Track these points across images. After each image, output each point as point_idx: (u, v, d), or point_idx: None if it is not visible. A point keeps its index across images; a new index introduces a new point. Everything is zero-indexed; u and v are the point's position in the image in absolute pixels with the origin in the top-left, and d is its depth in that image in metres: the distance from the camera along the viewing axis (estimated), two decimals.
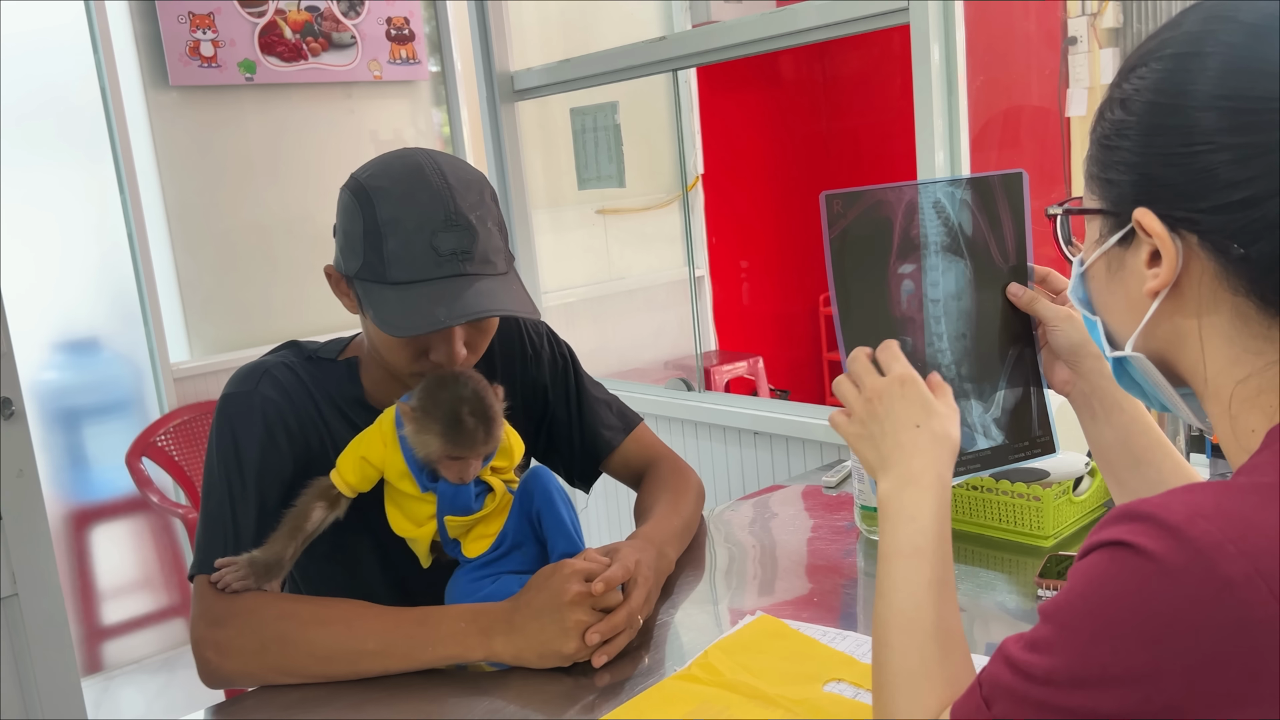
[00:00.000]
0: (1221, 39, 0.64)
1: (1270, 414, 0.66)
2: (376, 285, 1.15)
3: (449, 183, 1.16)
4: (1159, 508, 0.58)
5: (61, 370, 3.04)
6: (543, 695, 1.07)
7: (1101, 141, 0.71)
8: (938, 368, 0.99)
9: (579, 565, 1.13)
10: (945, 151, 2.06)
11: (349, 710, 1.08)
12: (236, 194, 3.25)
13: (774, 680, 1.03)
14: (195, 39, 3.10)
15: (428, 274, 1.13)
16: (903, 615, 0.78)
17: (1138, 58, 0.70)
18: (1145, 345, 0.73)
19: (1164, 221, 0.67)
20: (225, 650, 1.14)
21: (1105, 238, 0.73)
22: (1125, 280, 0.73)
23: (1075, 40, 3.34)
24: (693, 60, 2.62)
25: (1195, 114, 0.64)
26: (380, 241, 1.14)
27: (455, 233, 1.13)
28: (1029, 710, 0.61)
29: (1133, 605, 0.57)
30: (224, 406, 1.25)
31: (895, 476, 0.84)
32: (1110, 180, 0.71)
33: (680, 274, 3.92)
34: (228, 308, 3.25)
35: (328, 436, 1.27)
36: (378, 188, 1.16)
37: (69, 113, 2.97)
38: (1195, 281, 0.67)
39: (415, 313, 1.12)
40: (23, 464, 1.79)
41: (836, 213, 0.97)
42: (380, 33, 3.49)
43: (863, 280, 0.98)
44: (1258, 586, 0.54)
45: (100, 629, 3.15)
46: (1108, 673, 0.57)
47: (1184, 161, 0.65)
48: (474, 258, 1.14)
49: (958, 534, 1.43)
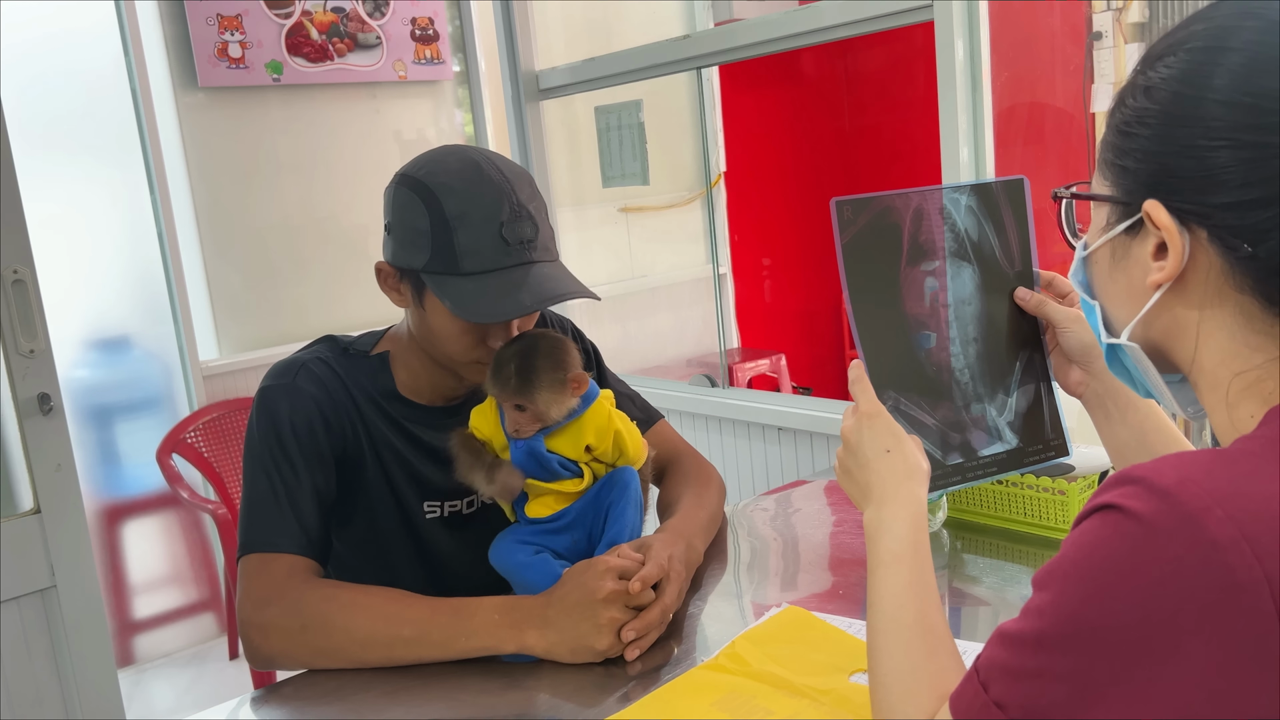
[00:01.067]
0: (1248, 35, 0.64)
1: (1268, 400, 0.67)
2: (449, 277, 1.19)
3: (507, 176, 1.22)
4: (1151, 472, 0.59)
5: (94, 368, 3.09)
6: (573, 685, 1.09)
7: (1120, 128, 0.71)
8: (951, 371, 1.01)
9: (613, 562, 1.14)
10: (970, 148, 2.06)
11: (383, 699, 1.10)
12: (264, 193, 3.29)
13: (800, 670, 1.04)
14: (223, 40, 3.14)
15: (499, 263, 1.19)
16: (887, 617, 0.82)
17: (1165, 46, 0.70)
18: (1142, 334, 0.74)
19: (1174, 215, 0.67)
20: (268, 631, 1.17)
21: (1112, 225, 0.73)
22: (1129, 269, 0.73)
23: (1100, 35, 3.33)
24: (715, 59, 2.63)
25: (1216, 108, 0.64)
26: (450, 235, 1.19)
27: (520, 223, 1.20)
28: (1024, 682, 0.62)
29: (1122, 566, 0.58)
30: (263, 398, 1.28)
31: (875, 501, 0.89)
32: (1125, 167, 0.71)
33: (703, 272, 3.93)
34: (256, 306, 3.29)
35: (363, 430, 1.30)
36: (441, 184, 1.21)
37: (100, 114, 3.02)
38: (1200, 276, 0.67)
39: (494, 299, 1.18)
40: (61, 459, 1.83)
41: (847, 219, 0.98)
42: (405, 33, 3.52)
43: (874, 285, 0.99)
44: (1243, 550, 0.55)
45: (132, 623, 3.19)
46: (1098, 633, 0.58)
47: (1201, 155, 0.65)
48: (537, 246, 1.22)
49: (983, 528, 1.44)
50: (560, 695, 1.07)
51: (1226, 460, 0.61)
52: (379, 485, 1.32)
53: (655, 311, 3.90)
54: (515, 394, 1.21)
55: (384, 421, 1.31)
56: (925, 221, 1.01)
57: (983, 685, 0.65)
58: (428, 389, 1.34)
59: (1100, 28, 3.29)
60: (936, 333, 1.01)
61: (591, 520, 1.26)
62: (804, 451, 2.51)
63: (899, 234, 1.00)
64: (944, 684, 0.74)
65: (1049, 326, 1.04)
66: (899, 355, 0.99)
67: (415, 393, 1.33)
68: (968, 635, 1.13)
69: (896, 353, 0.99)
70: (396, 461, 1.32)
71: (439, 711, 1.06)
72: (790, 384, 4.15)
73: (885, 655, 0.80)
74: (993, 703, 0.63)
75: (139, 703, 2.94)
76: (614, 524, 1.24)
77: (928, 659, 0.78)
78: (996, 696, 0.63)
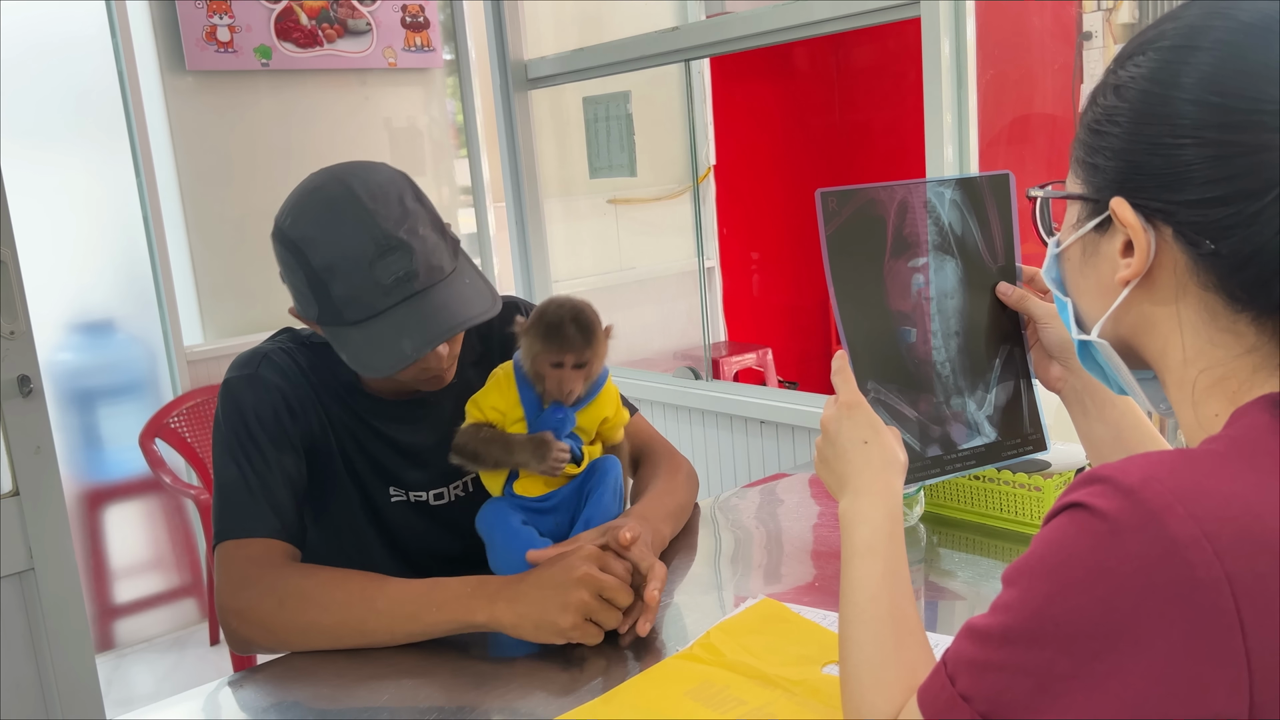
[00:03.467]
0: (1217, 35, 0.65)
1: (1234, 399, 0.67)
2: (340, 328, 1.18)
3: (367, 208, 1.16)
4: (1117, 470, 0.60)
5: (77, 351, 3.08)
6: (547, 673, 1.10)
7: (1091, 126, 0.72)
8: (933, 364, 1.01)
9: (593, 550, 1.15)
10: (954, 146, 2.07)
11: (358, 683, 1.10)
12: (251, 179, 3.27)
13: (774, 661, 1.05)
14: (212, 24, 3.12)
15: (379, 306, 1.15)
16: (859, 608, 0.82)
17: (1135, 45, 0.71)
18: (1112, 330, 0.75)
19: (1140, 212, 0.68)
20: (246, 614, 1.17)
21: (1083, 222, 0.74)
22: (1098, 266, 0.74)
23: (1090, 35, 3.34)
24: (706, 51, 2.63)
25: (1183, 105, 0.65)
26: (325, 289, 1.17)
27: (390, 258, 1.15)
28: (990, 676, 0.63)
29: (1087, 563, 0.59)
30: (228, 388, 1.29)
31: (850, 491, 0.90)
32: (1095, 165, 0.71)
33: (690, 264, 3.93)
34: (241, 291, 3.28)
35: (326, 419, 1.31)
36: (303, 236, 1.18)
37: (86, 96, 3.00)
38: (1167, 273, 0.68)
39: (383, 349, 1.15)
40: (40, 441, 1.82)
41: (832, 210, 0.99)
42: (395, 20, 3.50)
43: (858, 277, 1.00)
44: (1203, 548, 0.56)
45: (112, 607, 3.18)
46: (1062, 629, 0.59)
47: (1167, 152, 0.66)
48: (418, 274, 1.16)
49: (960, 523, 1.44)
50: (534, 683, 1.08)
51: (1191, 460, 0.61)
52: (343, 473, 1.33)
53: (642, 304, 3.90)
54: (582, 350, 1.22)
55: (345, 412, 1.32)
56: (910, 214, 1.01)
57: (950, 678, 0.65)
58: (388, 387, 1.34)
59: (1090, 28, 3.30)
60: (919, 326, 1.01)
61: (575, 504, 1.29)
62: (786, 445, 2.52)
63: (883, 226, 1.00)
64: (914, 677, 0.75)
65: (1030, 322, 1.04)
66: (881, 347, 1.00)
67: (374, 384, 1.34)
68: (943, 629, 1.14)
69: (879, 344, 1.00)
70: (359, 451, 1.33)
71: (414, 696, 1.06)
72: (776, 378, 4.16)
73: (856, 646, 0.80)
74: (959, 696, 0.64)
75: (118, 687, 2.94)
76: (591, 507, 1.26)
77: (899, 651, 0.78)
78: (963, 689, 0.64)
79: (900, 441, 0.93)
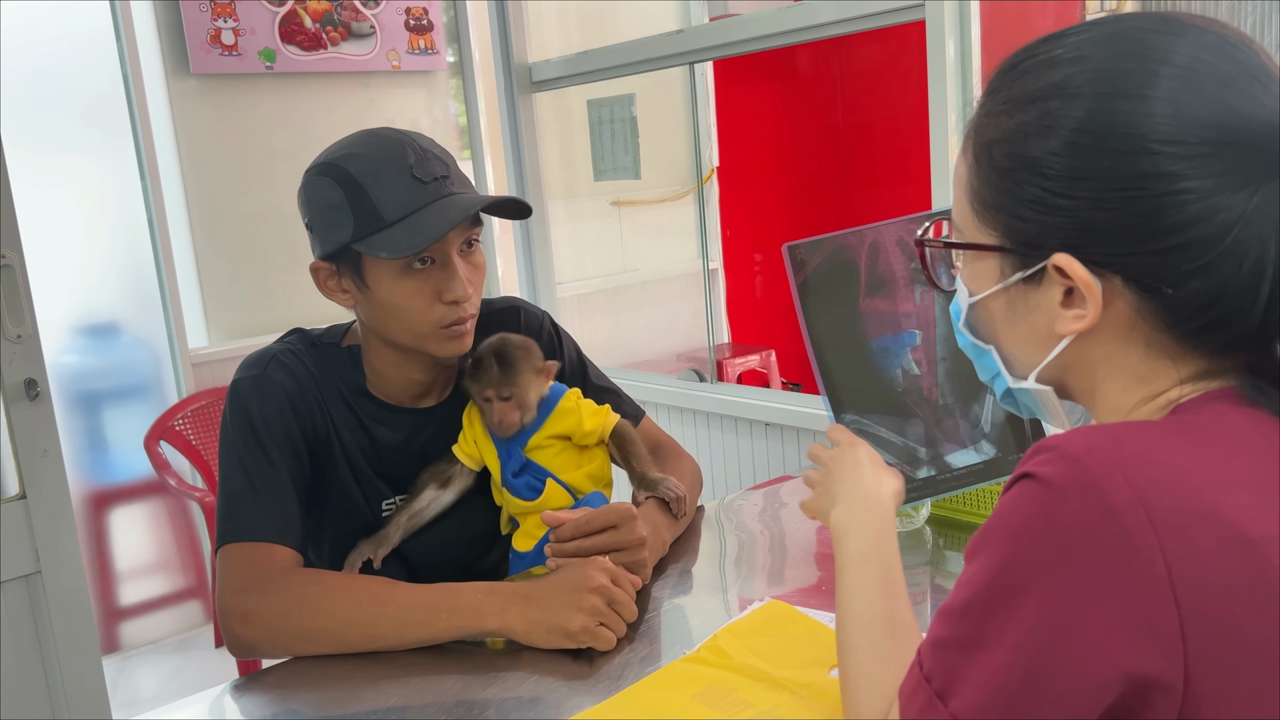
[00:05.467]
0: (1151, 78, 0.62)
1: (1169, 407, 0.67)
2: (377, 233, 1.20)
3: (405, 132, 1.26)
4: (1063, 440, 0.61)
5: (82, 354, 3.08)
6: (555, 675, 1.10)
7: (1005, 172, 0.68)
8: (919, 390, 1.03)
9: (609, 564, 1.17)
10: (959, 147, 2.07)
11: (364, 687, 1.11)
12: (255, 182, 3.28)
13: (781, 664, 1.05)
14: (216, 27, 3.13)
15: (419, 202, 1.20)
16: (856, 615, 0.83)
17: (1035, 89, 0.66)
18: (1044, 373, 0.72)
19: (1088, 265, 0.65)
20: (250, 617, 1.17)
21: (1007, 275, 0.71)
22: (1029, 316, 0.71)
23: None
24: (709, 54, 2.64)
25: (1132, 159, 0.62)
26: (365, 194, 1.20)
27: (429, 163, 1.23)
28: (949, 651, 0.63)
29: (1034, 529, 0.60)
30: (235, 389, 1.28)
31: (844, 503, 0.92)
32: (1021, 218, 0.67)
33: (694, 266, 3.93)
34: (246, 294, 3.28)
35: (331, 424, 1.31)
36: (342, 155, 1.24)
37: (92, 100, 3.01)
38: (1112, 318, 0.66)
39: (428, 226, 1.19)
40: (47, 444, 1.83)
41: (800, 260, 1.02)
42: (399, 23, 3.51)
43: (833, 319, 1.02)
44: (1139, 514, 0.57)
45: (117, 609, 3.19)
46: (1013, 596, 0.60)
47: (1118, 206, 0.63)
48: (452, 180, 1.24)
49: (966, 525, 1.44)
50: (542, 686, 1.08)
51: (1136, 431, 0.62)
52: (346, 477, 1.33)
53: (646, 306, 3.90)
54: (500, 382, 1.27)
55: (349, 417, 1.32)
56: (882, 254, 1.04)
57: (920, 664, 0.66)
58: (395, 384, 1.34)
59: None
60: (902, 356, 1.03)
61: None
62: (791, 447, 2.52)
63: (855, 269, 1.03)
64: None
65: None
66: (859, 381, 1.03)
67: (383, 388, 1.34)
68: None
69: (856, 379, 1.03)
70: (362, 455, 1.33)
71: (421, 699, 1.07)
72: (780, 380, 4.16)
73: (855, 651, 0.81)
74: (924, 678, 0.65)
75: (123, 689, 2.94)
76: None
77: (896, 654, 0.78)
78: (928, 671, 0.65)
79: (899, 478, 0.96)
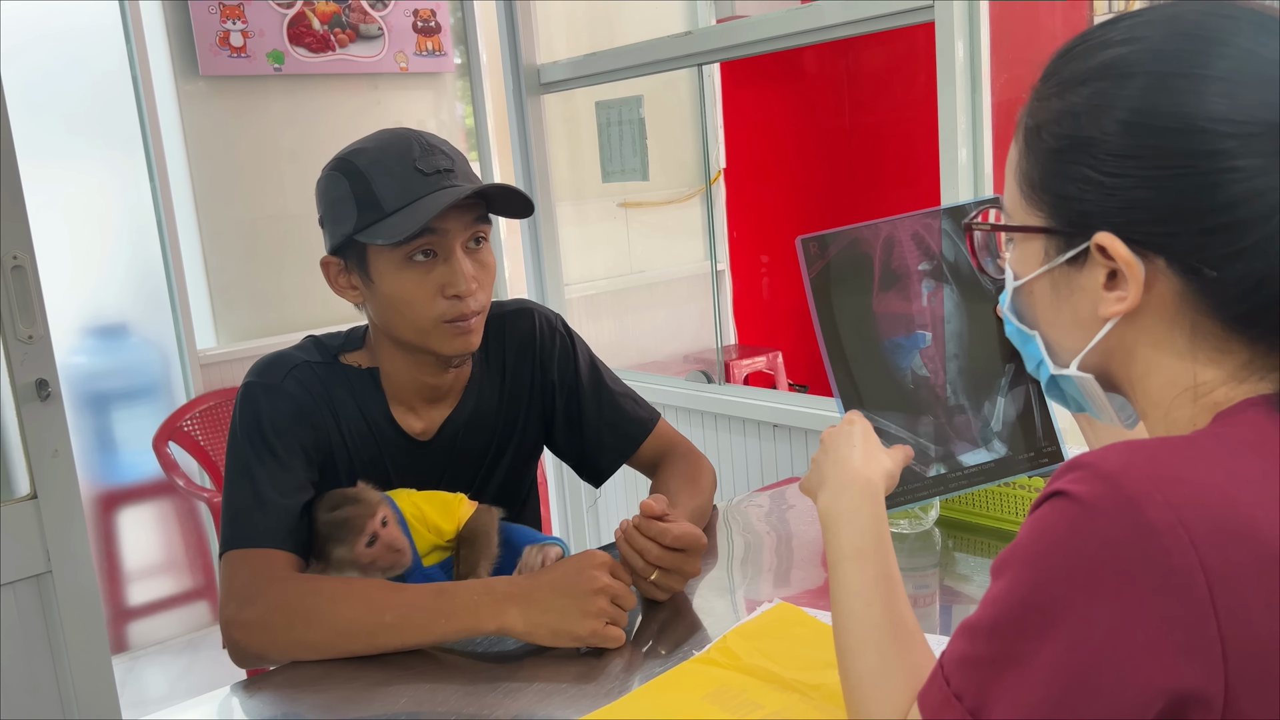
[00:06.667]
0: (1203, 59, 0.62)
1: (1215, 408, 0.66)
2: (376, 223, 1.22)
3: (416, 130, 1.28)
4: (1097, 458, 0.60)
5: (91, 355, 3.09)
6: (562, 677, 1.10)
7: (1055, 153, 0.68)
8: (931, 388, 1.02)
9: (608, 558, 1.16)
10: (968, 149, 2.07)
11: (370, 688, 1.11)
12: (264, 183, 3.29)
13: (791, 665, 1.05)
14: (225, 29, 3.14)
15: (418, 192, 1.22)
16: (855, 616, 0.81)
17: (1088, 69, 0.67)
18: (1087, 360, 0.72)
19: (1131, 245, 0.65)
20: (253, 628, 1.17)
21: (1052, 256, 0.71)
22: (1073, 300, 0.71)
23: None
24: (717, 55, 2.64)
25: (1178, 136, 0.62)
26: (368, 184, 1.22)
27: (433, 156, 1.24)
28: (980, 669, 0.63)
29: (1068, 549, 0.59)
30: (247, 393, 1.28)
31: (831, 486, 0.90)
32: (1066, 196, 0.68)
33: (701, 268, 3.93)
34: (254, 295, 3.29)
35: (342, 445, 1.31)
36: (351, 151, 1.28)
37: (101, 101, 3.02)
38: (1157, 302, 0.66)
39: (420, 213, 1.19)
40: (58, 444, 1.83)
41: (814, 254, 1.01)
42: (407, 25, 3.52)
43: (845, 313, 1.01)
44: (1179, 535, 0.56)
45: (126, 610, 3.20)
46: (1047, 616, 0.59)
47: (1163, 185, 0.63)
48: (456, 174, 1.24)
49: (975, 527, 1.44)
50: (549, 687, 1.08)
51: (1171, 448, 0.61)
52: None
53: (653, 307, 3.90)
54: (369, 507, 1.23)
55: (367, 440, 1.32)
56: (897, 248, 1.03)
57: (946, 679, 0.65)
58: (411, 393, 1.34)
59: None
60: (914, 352, 1.03)
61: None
62: (799, 448, 2.52)
63: (870, 263, 1.03)
64: (917, 679, 0.74)
65: None
66: (870, 376, 1.02)
67: (402, 403, 1.34)
68: None
69: (869, 374, 1.02)
70: (369, 467, 1.33)
71: (430, 701, 1.07)
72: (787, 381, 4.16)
73: (857, 654, 0.79)
74: (952, 695, 0.64)
75: (132, 689, 2.95)
76: (520, 534, 1.33)
77: (900, 656, 0.77)
78: (956, 688, 0.64)
79: (894, 459, 0.95)
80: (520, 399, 1.44)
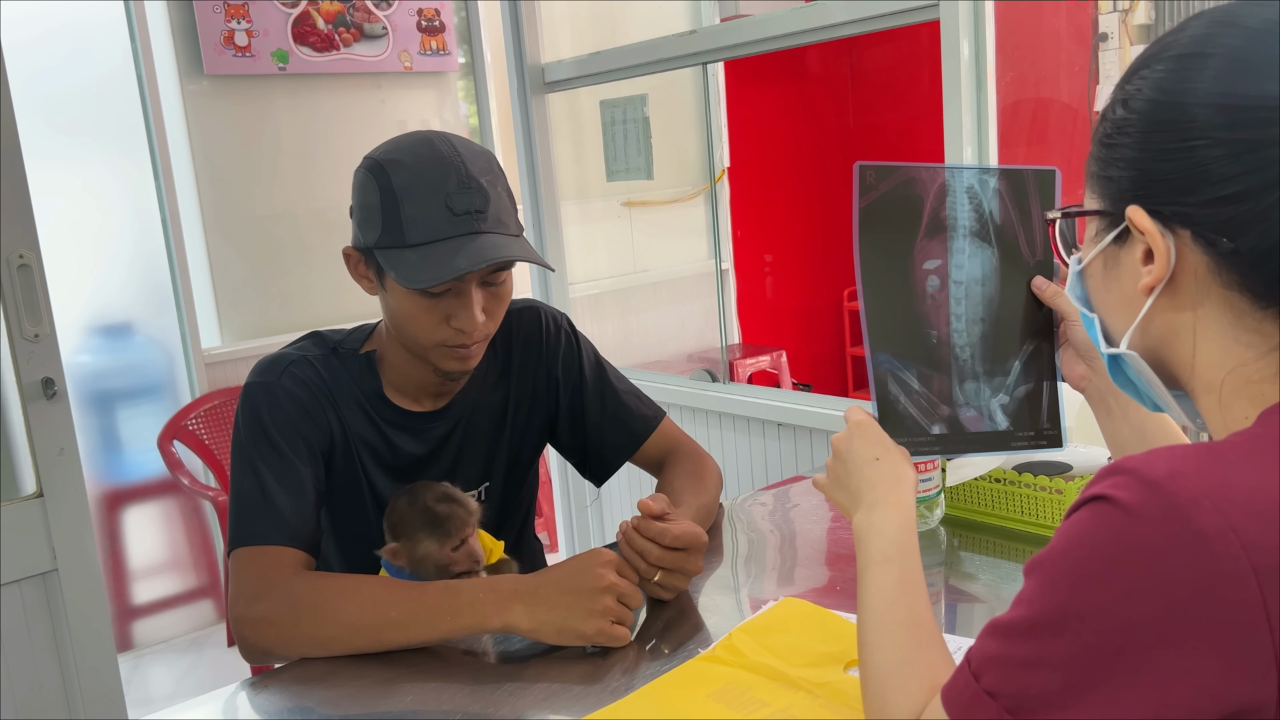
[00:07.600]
0: (1223, 41, 0.66)
1: (1262, 400, 0.67)
2: (396, 250, 1.20)
3: (458, 151, 1.23)
4: (1141, 463, 0.60)
5: (96, 354, 3.10)
6: (568, 675, 1.10)
7: (1103, 140, 0.73)
8: (951, 346, 1.01)
9: (614, 556, 1.16)
10: (973, 147, 2.07)
11: (377, 686, 1.11)
12: (268, 182, 3.29)
13: (797, 663, 1.05)
14: (230, 28, 3.15)
15: (444, 233, 1.19)
16: (877, 614, 0.83)
17: (1142, 60, 0.72)
18: (1140, 342, 0.75)
19: (1156, 218, 0.69)
20: (261, 624, 1.17)
21: (1101, 236, 0.75)
22: (1120, 277, 0.74)
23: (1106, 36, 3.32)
24: (721, 54, 2.64)
25: (1193, 111, 0.66)
26: (397, 207, 1.20)
27: (468, 194, 1.20)
28: (1015, 670, 0.63)
29: (1110, 555, 0.59)
30: (248, 393, 1.29)
31: (865, 505, 0.91)
32: (1109, 178, 0.72)
33: (705, 267, 3.93)
34: (259, 294, 3.30)
35: (345, 430, 1.32)
36: (392, 159, 1.23)
37: (106, 101, 3.02)
38: (1188, 277, 0.69)
39: (435, 265, 1.18)
40: (64, 443, 1.84)
41: (869, 183, 0.99)
42: (411, 24, 3.52)
43: (887, 251, 1.00)
44: (1230, 541, 0.56)
45: (131, 608, 3.20)
46: (1086, 620, 0.59)
47: (1178, 156, 0.67)
48: (487, 217, 1.21)
49: (980, 526, 1.44)
50: (555, 685, 1.08)
51: (1216, 453, 0.62)
52: (361, 482, 1.34)
53: (657, 306, 3.90)
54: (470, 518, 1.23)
55: (365, 422, 1.33)
56: (950, 198, 1.01)
57: (974, 675, 0.65)
58: (412, 386, 1.35)
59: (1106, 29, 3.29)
60: (943, 307, 1.02)
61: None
62: (803, 447, 2.52)
63: (920, 205, 1.01)
64: (935, 678, 0.75)
65: (1060, 319, 1.04)
66: (899, 322, 1.00)
67: (401, 392, 1.35)
68: (963, 631, 1.14)
69: (897, 319, 1.00)
70: (374, 462, 1.34)
71: (436, 699, 1.07)
72: (790, 380, 4.16)
73: (876, 650, 0.81)
74: (984, 692, 0.64)
75: (137, 688, 2.95)
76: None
77: (919, 653, 0.79)
78: (988, 686, 0.64)
79: (909, 460, 0.95)
80: (524, 395, 1.45)
